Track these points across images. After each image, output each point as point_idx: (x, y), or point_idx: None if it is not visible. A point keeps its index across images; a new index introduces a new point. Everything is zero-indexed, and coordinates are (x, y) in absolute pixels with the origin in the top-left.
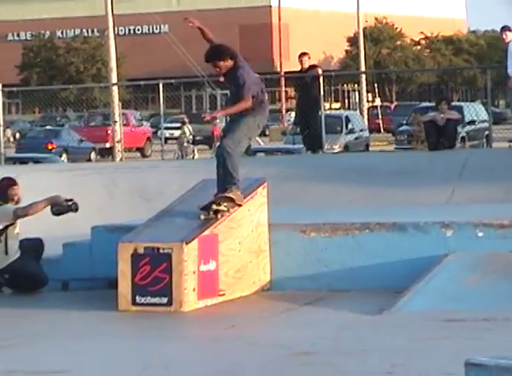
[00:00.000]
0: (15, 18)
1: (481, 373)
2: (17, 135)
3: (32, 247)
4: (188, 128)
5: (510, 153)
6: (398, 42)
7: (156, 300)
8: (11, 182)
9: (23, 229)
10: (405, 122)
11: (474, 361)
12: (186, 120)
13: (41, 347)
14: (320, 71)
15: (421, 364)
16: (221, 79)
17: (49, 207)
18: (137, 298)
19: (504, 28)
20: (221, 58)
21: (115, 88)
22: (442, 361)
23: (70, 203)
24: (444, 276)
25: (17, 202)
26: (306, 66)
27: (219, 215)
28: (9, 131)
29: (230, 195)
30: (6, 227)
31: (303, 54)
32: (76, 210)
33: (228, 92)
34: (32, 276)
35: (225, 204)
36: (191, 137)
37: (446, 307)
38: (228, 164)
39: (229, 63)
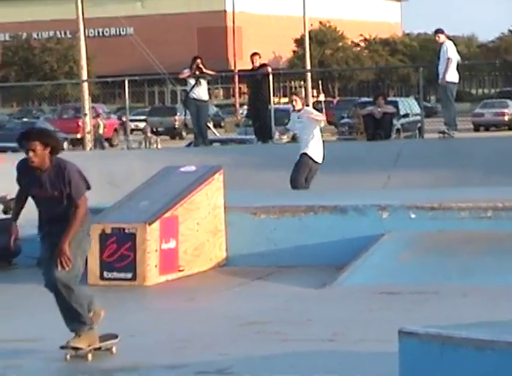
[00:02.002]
0: None
1: (413, 340)
2: None
3: (2, 226)
4: None
5: (440, 144)
6: (340, 44)
7: (122, 275)
8: None
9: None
10: (346, 115)
11: (407, 330)
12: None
13: (15, 318)
14: (270, 69)
15: (359, 333)
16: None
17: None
18: (105, 273)
19: (438, 31)
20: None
21: (85, 85)
22: (378, 330)
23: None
24: (380, 253)
25: None
26: (257, 64)
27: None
28: None
29: (80, 345)
30: None
31: (254, 54)
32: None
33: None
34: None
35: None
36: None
37: (382, 281)
38: (71, 299)
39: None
